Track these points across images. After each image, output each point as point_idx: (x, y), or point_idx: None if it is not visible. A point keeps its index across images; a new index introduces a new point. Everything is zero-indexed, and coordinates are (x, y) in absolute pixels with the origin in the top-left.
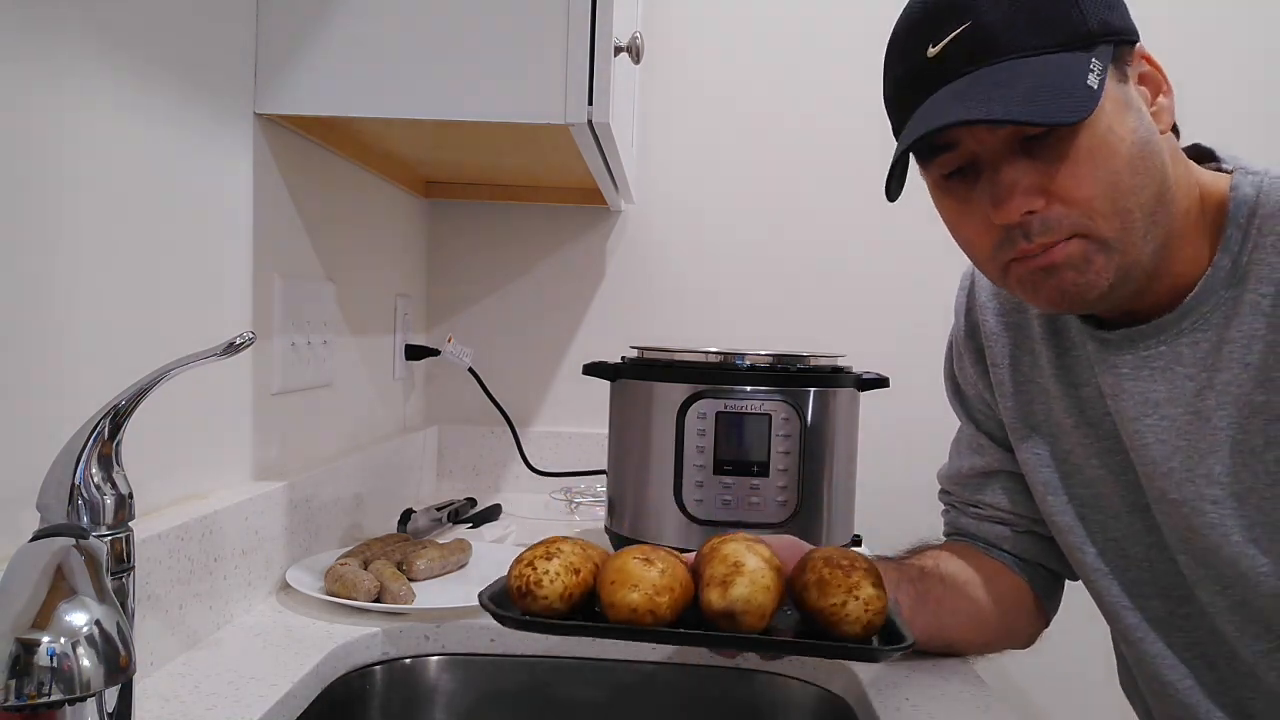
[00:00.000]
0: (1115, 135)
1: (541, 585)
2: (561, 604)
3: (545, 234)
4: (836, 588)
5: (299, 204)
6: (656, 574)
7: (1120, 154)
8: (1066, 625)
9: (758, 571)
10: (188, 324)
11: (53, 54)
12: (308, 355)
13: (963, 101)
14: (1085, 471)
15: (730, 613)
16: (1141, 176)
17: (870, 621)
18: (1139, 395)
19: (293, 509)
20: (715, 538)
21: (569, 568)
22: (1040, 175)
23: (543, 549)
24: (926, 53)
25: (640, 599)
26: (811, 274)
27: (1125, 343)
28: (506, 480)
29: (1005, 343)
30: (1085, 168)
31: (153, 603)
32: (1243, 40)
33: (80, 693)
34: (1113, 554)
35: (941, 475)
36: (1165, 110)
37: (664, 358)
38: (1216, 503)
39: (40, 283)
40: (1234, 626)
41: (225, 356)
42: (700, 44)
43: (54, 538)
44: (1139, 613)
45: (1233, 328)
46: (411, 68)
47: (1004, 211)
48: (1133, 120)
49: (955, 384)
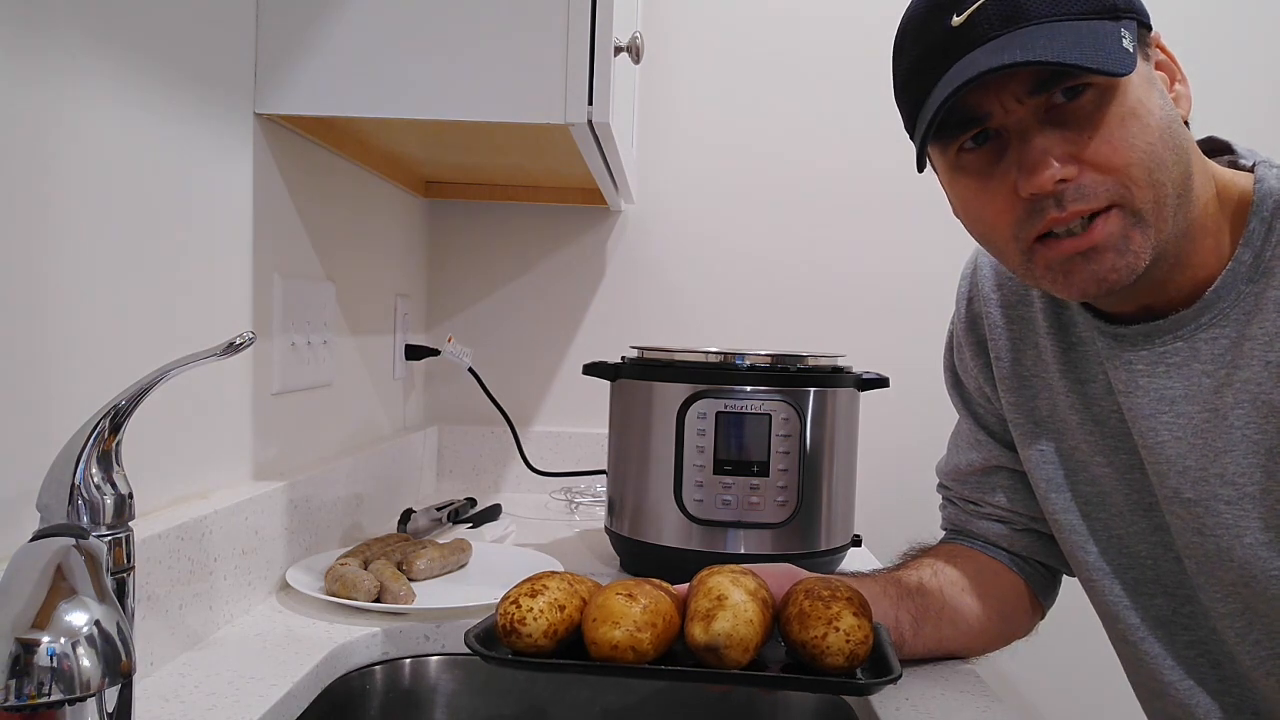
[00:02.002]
0: (1144, 107)
1: (526, 623)
2: (547, 641)
3: (545, 234)
4: (817, 620)
5: (299, 204)
6: (639, 610)
7: (1151, 126)
8: (1067, 625)
9: (741, 605)
10: (188, 324)
11: (52, 54)
12: (308, 355)
13: (999, 56)
14: (1090, 469)
15: (713, 647)
16: (1173, 152)
17: (853, 652)
18: (1154, 392)
19: (293, 509)
20: (707, 568)
21: (554, 605)
22: (1072, 144)
23: (528, 586)
24: (949, 23)
25: (622, 636)
26: (811, 274)
27: (1140, 338)
28: (506, 480)
29: (1008, 335)
30: (1119, 134)
31: (153, 603)
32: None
33: (80, 693)
34: (1115, 553)
35: (940, 470)
36: (1184, 98)
37: (664, 358)
38: (1230, 503)
39: (40, 283)
40: (1235, 632)
41: (225, 356)
42: (700, 44)
43: (54, 538)
44: (1139, 613)
45: (1254, 324)
46: (411, 68)
47: (1037, 180)
48: (1158, 98)
49: (955, 376)
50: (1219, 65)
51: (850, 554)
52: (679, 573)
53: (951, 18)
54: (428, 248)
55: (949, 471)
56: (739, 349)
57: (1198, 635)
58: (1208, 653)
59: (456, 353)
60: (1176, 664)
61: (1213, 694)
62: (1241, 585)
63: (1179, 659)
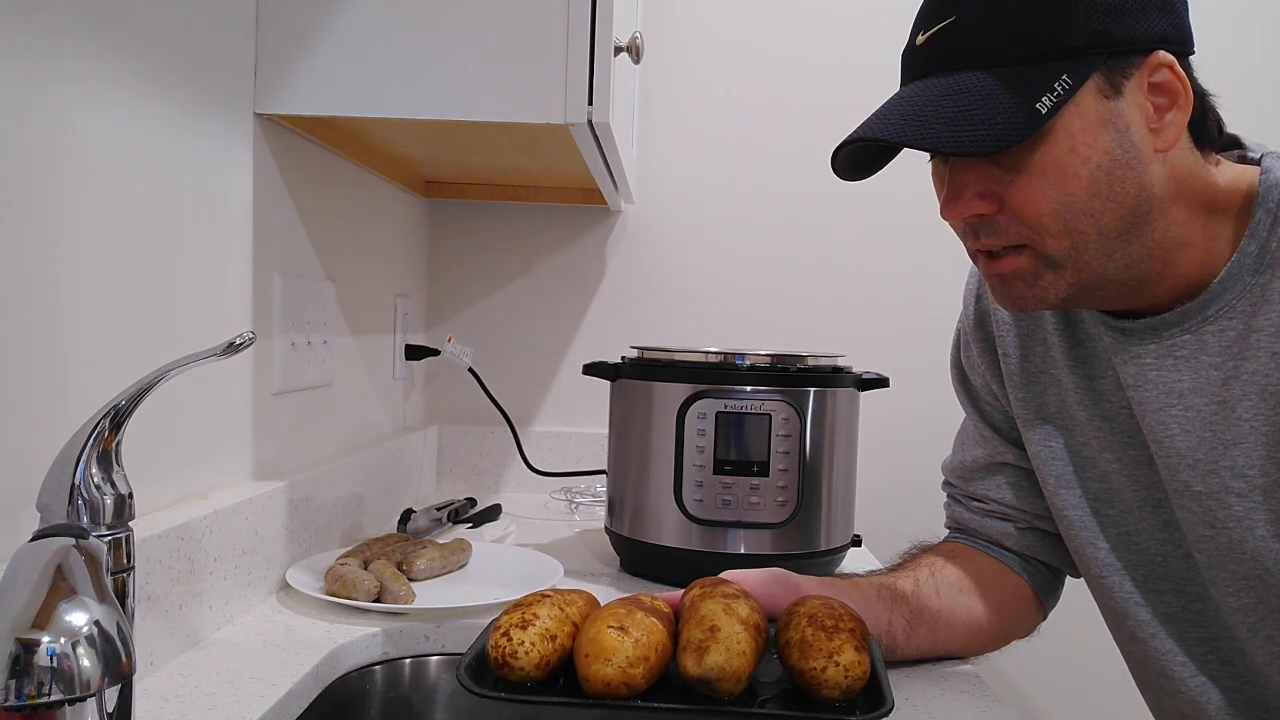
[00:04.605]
0: (1078, 155)
1: (517, 657)
2: (539, 672)
3: (545, 234)
4: (818, 652)
5: (299, 204)
6: (631, 645)
7: (1079, 176)
8: (1067, 624)
9: (733, 637)
10: (188, 324)
11: (52, 54)
12: (308, 355)
13: (889, 121)
14: (1099, 465)
15: (706, 680)
16: (1103, 200)
17: (849, 687)
18: (1163, 385)
19: (293, 509)
20: (698, 587)
21: (545, 635)
22: (994, 182)
23: (519, 616)
24: (916, 41)
25: (614, 673)
26: (811, 274)
27: (1148, 332)
28: (506, 480)
29: (1016, 333)
30: (1037, 185)
31: (153, 603)
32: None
33: (80, 693)
34: (1125, 549)
35: (945, 467)
36: (1172, 126)
37: (664, 358)
38: (1241, 495)
39: (40, 283)
40: (1247, 627)
41: (225, 356)
42: (700, 44)
43: (54, 538)
44: (1150, 609)
45: (1260, 315)
46: (411, 68)
47: (949, 210)
48: (1108, 140)
49: (962, 373)
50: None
51: (850, 554)
52: (679, 573)
53: (918, 35)
54: (428, 248)
55: (954, 469)
56: (739, 349)
57: (1208, 632)
58: (1218, 649)
59: (456, 353)
60: (1187, 661)
61: (1224, 690)
62: (1254, 579)
63: (1189, 656)
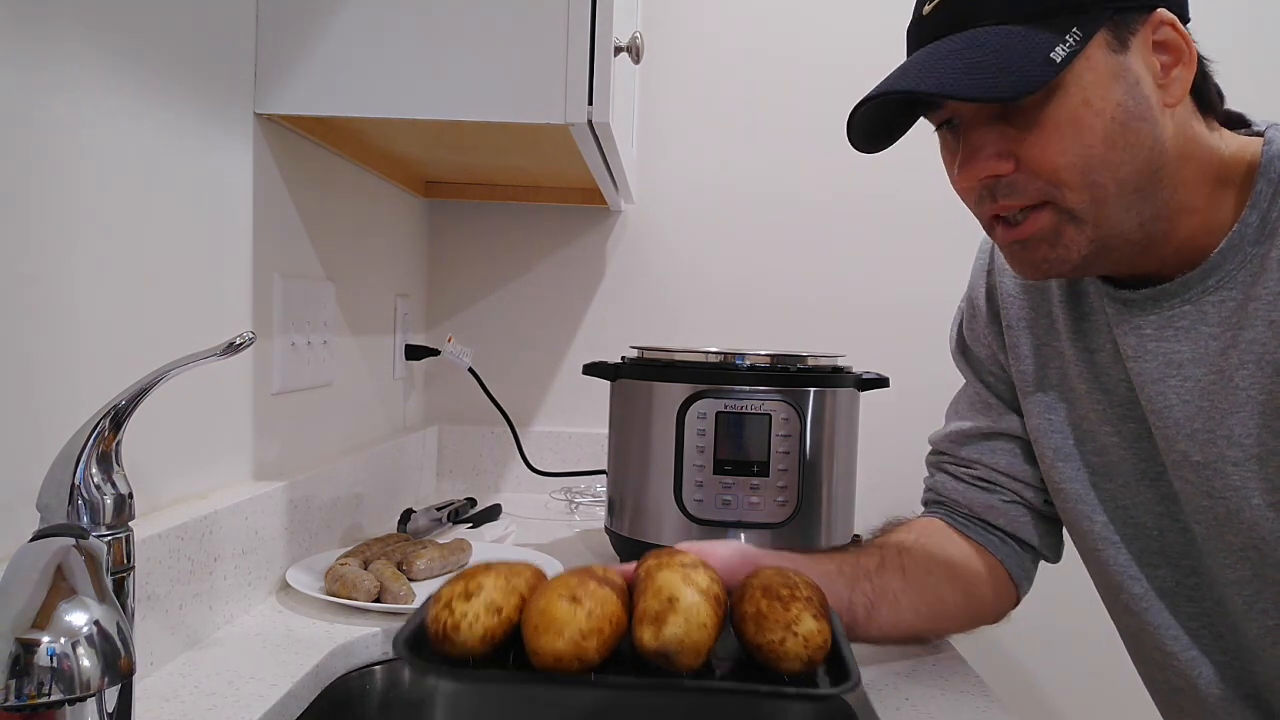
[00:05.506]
0: (1091, 108)
1: (459, 630)
2: (483, 646)
3: (545, 234)
4: (775, 623)
5: (299, 204)
6: (584, 616)
7: (1095, 128)
8: (1068, 624)
9: (693, 608)
10: (188, 324)
11: (52, 54)
12: (308, 355)
13: (908, 76)
14: (1098, 438)
15: (664, 653)
16: (1120, 152)
17: (811, 658)
18: (1162, 356)
19: (293, 509)
20: (654, 557)
21: (490, 607)
22: (1010, 141)
23: (462, 586)
24: (922, 10)
25: (565, 646)
26: (811, 273)
27: (1148, 302)
28: (506, 480)
29: (1023, 305)
30: (1053, 138)
31: (153, 603)
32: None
33: (80, 693)
34: (1122, 522)
35: (935, 437)
36: (1179, 82)
37: (664, 358)
38: (1238, 464)
39: (40, 283)
40: (1243, 600)
41: (225, 356)
42: (700, 44)
43: (54, 538)
44: (1146, 582)
45: (1259, 285)
46: (411, 68)
47: (966, 173)
48: (1120, 93)
49: (963, 344)
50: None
51: None
52: None
53: (924, 6)
54: (428, 248)
55: (945, 436)
56: (739, 349)
57: (1202, 607)
58: (1211, 625)
59: (456, 353)
60: (1180, 634)
61: (1215, 665)
62: (1251, 549)
63: (1183, 629)
